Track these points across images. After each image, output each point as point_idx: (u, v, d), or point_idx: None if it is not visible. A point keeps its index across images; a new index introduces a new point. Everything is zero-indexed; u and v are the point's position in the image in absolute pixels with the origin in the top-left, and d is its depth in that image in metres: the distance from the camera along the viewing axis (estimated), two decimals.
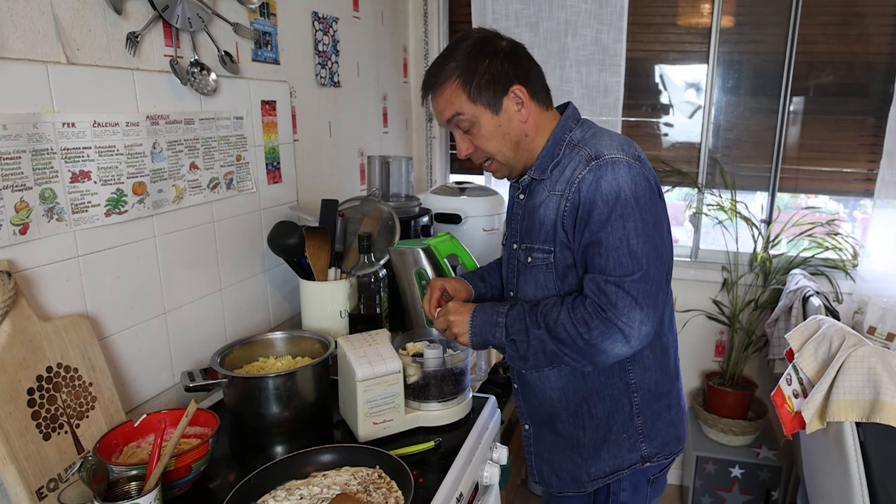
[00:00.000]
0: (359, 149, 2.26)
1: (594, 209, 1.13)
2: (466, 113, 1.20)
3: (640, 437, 1.30)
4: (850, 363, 1.54)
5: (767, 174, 2.58)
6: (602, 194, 1.12)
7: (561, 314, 1.14)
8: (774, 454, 2.50)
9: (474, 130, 1.22)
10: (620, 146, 1.18)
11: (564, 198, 1.18)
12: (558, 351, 1.15)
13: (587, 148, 1.18)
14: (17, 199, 1.02)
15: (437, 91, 1.22)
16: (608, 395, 1.28)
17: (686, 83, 2.61)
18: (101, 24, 1.16)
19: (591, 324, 1.11)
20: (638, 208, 1.12)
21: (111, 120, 1.17)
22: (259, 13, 1.61)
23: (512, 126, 1.22)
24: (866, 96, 2.41)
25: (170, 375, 1.38)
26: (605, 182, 1.12)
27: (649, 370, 1.29)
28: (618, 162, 1.14)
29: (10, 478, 0.95)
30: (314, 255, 1.57)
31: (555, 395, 1.32)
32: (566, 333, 1.13)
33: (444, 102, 1.22)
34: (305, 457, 1.11)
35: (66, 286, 1.13)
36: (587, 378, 1.28)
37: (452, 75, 1.20)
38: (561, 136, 1.25)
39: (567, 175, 1.19)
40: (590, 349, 1.12)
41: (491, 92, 1.19)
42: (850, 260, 2.49)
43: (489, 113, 1.20)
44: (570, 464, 1.34)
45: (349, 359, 1.23)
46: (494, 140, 1.22)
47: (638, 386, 1.28)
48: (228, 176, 1.51)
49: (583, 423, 1.31)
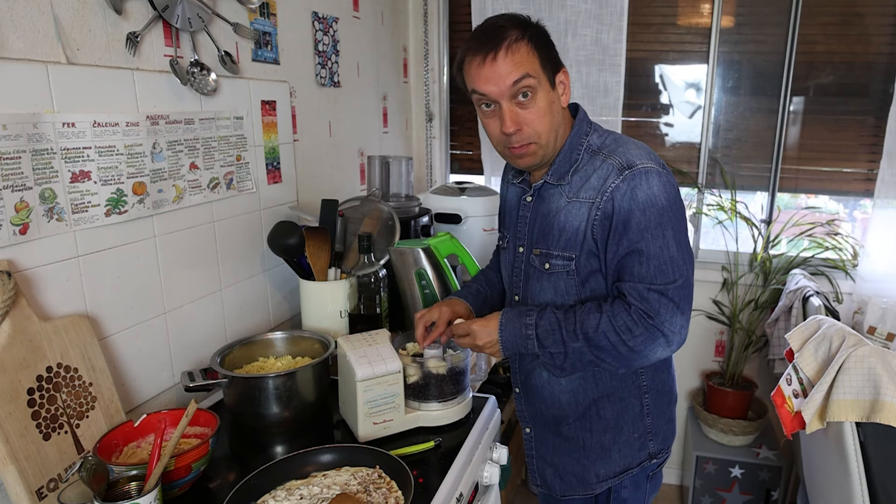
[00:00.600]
0: (359, 149, 2.26)
1: (631, 218, 1.12)
2: (535, 77, 1.14)
3: (648, 435, 1.32)
4: (850, 363, 1.54)
5: (767, 174, 2.58)
6: (639, 204, 1.12)
7: (602, 322, 1.14)
8: (774, 454, 2.50)
9: (530, 102, 1.15)
10: (648, 155, 1.17)
11: (595, 206, 1.16)
12: (596, 359, 1.17)
13: (616, 157, 1.17)
14: (17, 199, 1.02)
15: (511, 49, 1.12)
16: (618, 397, 1.29)
17: (686, 83, 2.61)
18: (101, 24, 1.16)
19: (634, 331, 1.12)
20: (674, 217, 1.14)
21: (111, 120, 1.17)
22: (259, 13, 1.61)
23: (556, 108, 1.19)
24: (866, 96, 2.41)
25: (170, 375, 1.38)
26: (640, 192, 1.12)
27: (659, 371, 1.31)
28: (650, 171, 1.13)
29: (10, 478, 0.95)
30: (314, 255, 1.57)
31: (564, 398, 1.31)
32: (607, 341, 1.13)
33: (515, 62, 1.12)
34: (305, 457, 1.11)
35: (66, 286, 1.13)
36: (598, 381, 1.28)
37: (525, 37, 1.14)
38: (578, 142, 1.22)
39: (595, 183, 1.17)
40: (632, 355, 1.14)
41: (553, 65, 1.18)
42: (850, 260, 2.49)
43: (548, 86, 1.17)
44: (577, 466, 1.34)
45: (349, 359, 1.23)
46: (546, 117, 1.17)
47: (649, 387, 1.30)
48: (228, 176, 1.51)
49: (590, 426, 1.31)
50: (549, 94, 1.17)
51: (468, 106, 2.82)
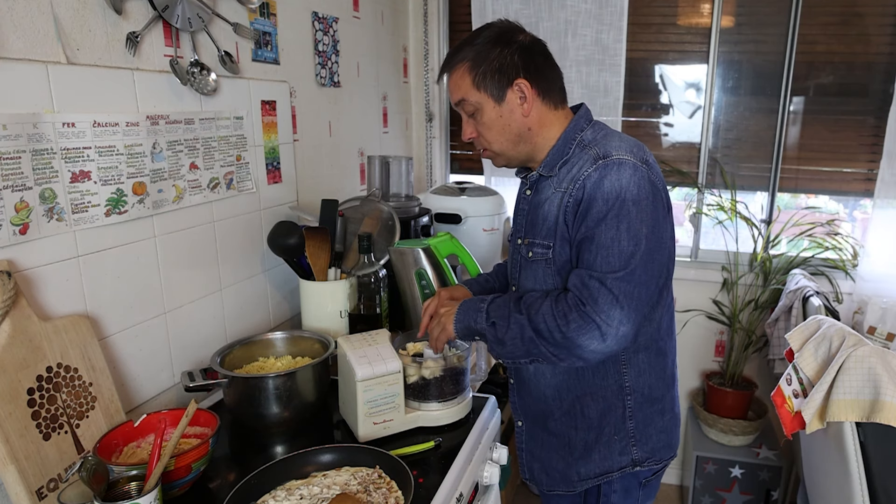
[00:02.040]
0: (359, 149, 2.26)
1: (593, 206, 1.14)
2: (470, 99, 1.23)
3: (631, 440, 1.30)
4: (850, 363, 1.54)
5: (767, 174, 2.58)
6: (603, 192, 1.13)
7: (543, 305, 1.15)
8: (774, 454, 2.50)
9: (477, 117, 1.25)
10: (630, 149, 1.18)
11: (568, 194, 1.19)
12: (536, 339, 1.15)
13: (596, 148, 1.20)
14: (18, 199, 1.02)
15: (450, 72, 1.26)
16: (601, 396, 1.28)
17: (686, 83, 2.61)
18: (101, 24, 1.16)
19: (569, 317, 1.11)
20: (636, 210, 1.12)
21: (111, 120, 1.17)
22: (259, 13, 1.61)
23: (513, 118, 1.24)
24: (866, 96, 2.41)
25: (170, 375, 1.38)
26: (607, 181, 1.13)
27: (644, 374, 1.28)
28: (624, 163, 1.14)
29: (10, 478, 0.95)
30: (314, 255, 1.57)
31: (549, 392, 1.32)
32: (545, 324, 1.13)
33: (453, 84, 1.26)
34: (305, 457, 1.11)
35: (66, 286, 1.13)
36: (581, 378, 1.28)
37: (464, 59, 1.23)
38: (572, 136, 1.26)
39: (574, 173, 1.20)
40: (566, 342, 1.12)
41: (495, 81, 1.21)
42: (850, 260, 2.49)
43: (492, 102, 1.23)
44: (562, 463, 1.34)
45: (349, 359, 1.23)
46: (494, 129, 1.25)
47: (632, 389, 1.28)
48: (228, 176, 1.51)
49: (575, 423, 1.31)
50: (495, 110, 1.23)
51: None
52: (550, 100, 1.26)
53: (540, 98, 1.24)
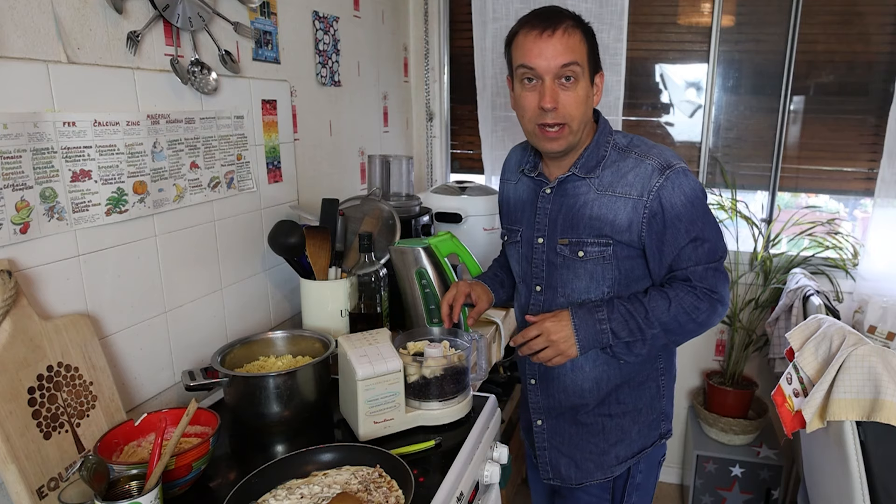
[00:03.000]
0: (359, 148, 2.26)
1: (684, 213, 1.24)
2: (581, 65, 1.22)
3: (662, 415, 1.42)
4: (850, 362, 1.54)
5: (768, 173, 2.58)
6: (688, 198, 1.24)
7: (672, 308, 1.24)
8: (775, 453, 2.50)
9: (572, 86, 1.22)
10: (675, 155, 1.29)
11: (643, 204, 1.25)
12: (670, 342, 1.28)
13: (653, 158, 1.26)
14: (18, 199, 1.02)
15: (567, 32, 1.20)
16: (638, 382, 1.37)
17: (686, 82, 2.61)
18: (102, 24, 1.16)
19: (701, 307, 1.24)
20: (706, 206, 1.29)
21: (112, 119, 1.17)
22: (259, 12, 1.61)
23: (590, 103, 1.27)
24: (867, 95, 2.41)
25: (170, 374, 1.38)
26: (685, 189, 1.24)
27: (672, 354, 1.42)
28: (686, 170, 1.27)
29: (11, 477, 0.95)
30: (315, 254, 1.57)
31: (587, 384, 1.37)
32: (677, 323, 1.24)
33: (570, 43, 1.21)
34: (306, 456, 1.11)
35: (66, 285, 1.13)
36: (622, 367, 1.35)
37: (580, 28, 1.23)
38: (605, 139, 1.31)
39: (633, 180, 1.26)
40: (699, 329, 1.27)
41: (594, 63, 1.26)
42: (851, 259, 2.49)
43: (587, 78, 1.24)
44: (596, 450, 1.40)
45: (350, 358, 1.23)
46: (581, 105, 1.24)
47: (665, 370, 1.40)
48: (229, 175, 1.51)
49: (609, 410, 1.38)
50: (587, 87, 1.25)
51: (468, 105, 2.82)
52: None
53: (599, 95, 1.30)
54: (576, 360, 1.33)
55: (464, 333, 1.42)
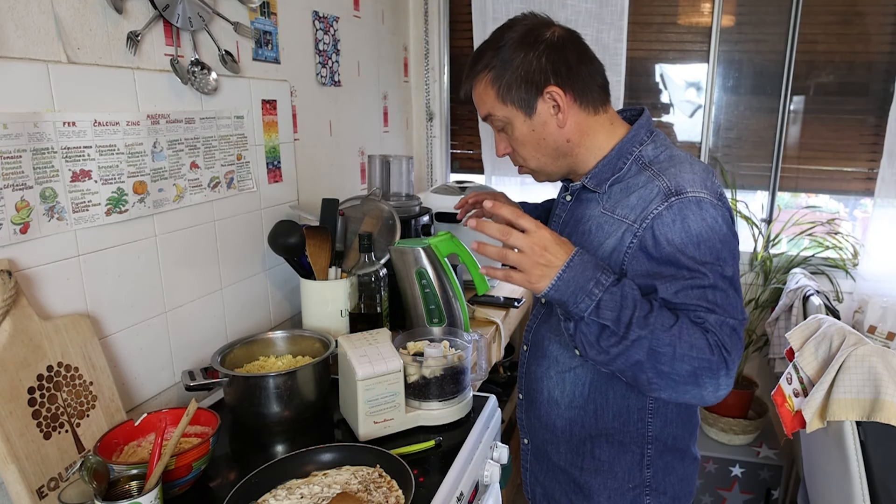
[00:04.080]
0: (359, 148, 2.26)
1: (684, 254, 0.98)
2: (497, 113, 1.10)
3: (646, 489, 1.19)
4: (850, 362, 1.54)
5: (768, 173, 2.58)
6: (693, 236, 0.98)
7: (675, 328, 0.94)
8: (775, 453, 2.50)
9: (508, 131, 1.12)
10: (703, 181, 1.03)
11: (631, 231, 1.04)
12: (644, 362, 0.94)
13: (665, 178, 1.03)
14: (18, 199, 1.02)
15: (473, 83, 1.13)
16: (618, 441, 1.17)
17: (686, 82, 2.61)
18: (102, 24, 1.16)
19: (704, 354, 0.93)
20: (727, 251, 1.00)
21: (112, 119, 1.17)
22: (260, 12, 1.61)
23: (548, 132, 1.10)
24: (867, 95, 2.41)
25: (170, 374, 1.38)
26: (690, 223, 0.99)
27: (671, 424, 1.17)
28: (703, 202, 1.00)
29: (11, 477, 0.95)
30: (315, 254, 1.57)
31: (559, 423, 1.23)
32: (671, 349, 0.93)
33: (477, 98, 1.13)
34: (306, 456, 1.11)
35: (66, 285, 1.13)
36: (599, 418, 1.17)
37: (486, 68, 1.09)
38: (629, 149, 1.10)
39: (634, 202, 1.05)
40: (688, 378, 0.94)
41: (523, 92, 1.07)
42: (851, 259, 2.49)
43: (522, 115, 1.09)
44: (564, 499, 1.28)
45: (350, 358, 1.23)
46: (528, 146, 1.12)
47: (654, 438, 1.17)
48: (229, 175, 1.51)
49: (582, 463, 1.22)
50: (526, 124, 1.10)
51: (468, 105, 2.82)
52: (589, 103, 1.10)
53: (577, 104, 1.09)
54: (552, 393, 1.22)
55: (464, 333, 1.42)
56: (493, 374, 2.38)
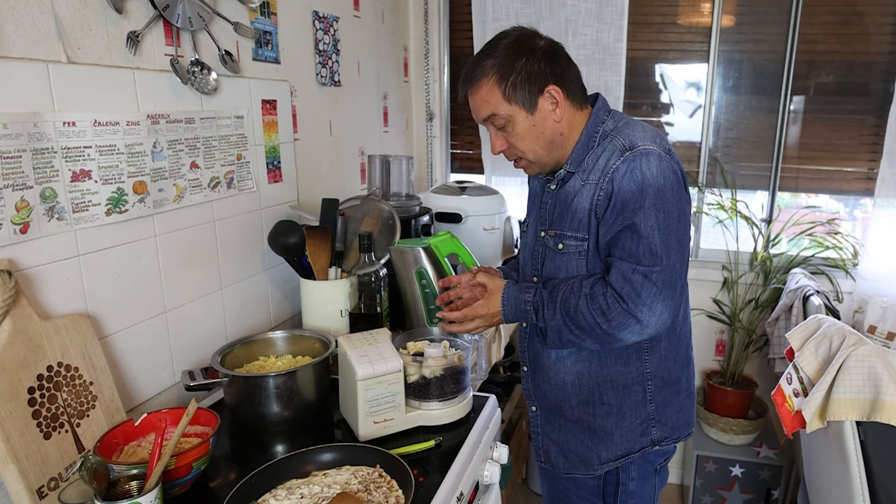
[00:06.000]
0: (359, 148, 2.26)
1: (629, 198, 1.16)
2: (501, 112, 1.23)
3: (651, 421, 1.34)
4: (850, 362, 1.54)
5: (768, 173, 2.58)
6: (636, 183, 1.16)
7: (580, 303, 1.20)
8: (775, 453, 2.50)
9: (509, 129, 1.25)
10: (653, 138, 1.21)
11: (598, 187, 1.21)
12: (575, 338, 1.23)
13: (620, 138, 1.21)
14: (18, 199, 1.02)
15: (474, 88, 1.24)
16: (622, 383, 1.32)
17: (686, 82, 2.61)
18: (102, 24, 1.16)
19: (609, 314, 1.17)
20: (666, 200, 1.17)
21: (112, 119, 1.17)
22: (259, 12, 1.61)
23: (546, 125, 1.24)
24: (867, 95, 2.41)
25: (170, 374, 1.38)
26: (638, 172, 1.16)
27: (665, 360, 1.33)
28: (650, 153, 1.17)
29: (11, 477, 0.95)
30: (315, 254, 1.57)
31: (568, 379, 1.36)
32: (585, 322, 1.20)
33: (480, 100, 1.24)
34: (306, 456, 1.11)
35: (66, 285, 1.13)
36: (603, 365, 1.32)
37: (489, 73, 1.22)
38: (594, 129, 1.27)
39: (601, 164, 1.22)
40: (607, 338, 1.20)
41: (526, 91, 1.21)
42: (851, 259, 2.48)
43: (524, 112, 1.23)
44: (581, 447, 1.38)
45: (350, 358, 1.23)
46: (528, 139, 1.25)
47: (652, 374, 1.33)
48: (229, 175, 1.51)
49: (593, 410, 1.35)
50: (527, 120, 1.24)
51: (468, 105, 2.82)
52: (576, 101, 1.27)
53: (568, 101, 1.25)
54: (559, 352, 1.35)
55: (464, 333, 1.42)
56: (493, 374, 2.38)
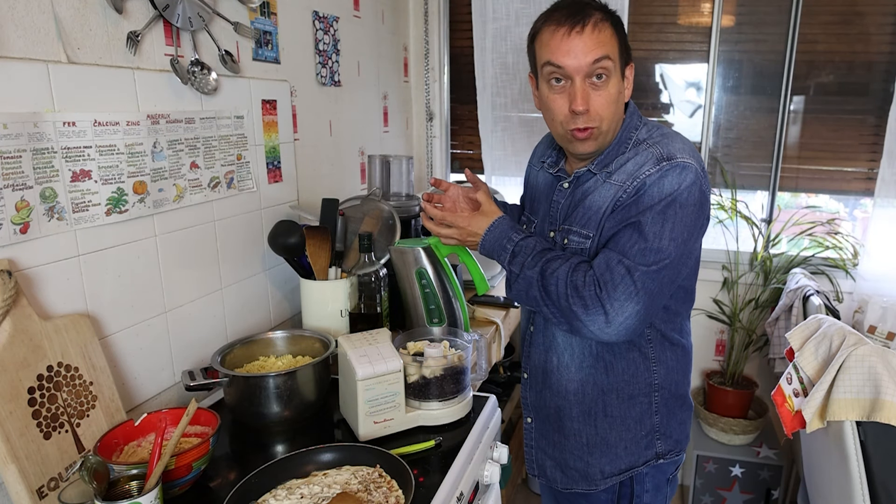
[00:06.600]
0: (359, 148, 2.26)
1: (647, 201, 1.11)
2: (613, 60, 1.14)
3: (656, 433, 1.31)
4: (850, 362, 1.54)
5: (768, 173, 2.58)
6: (664, 192, 1.11)
7: (560, 269, 1.14)
8: (775, 453, 2.50)
9: (603, 85, 1.14)
10: (691, 152, 1.16)
11: (623, 189, 1.15)
12: (539, 300, 1.16)
13: (658, 147, 1.16)
14: (18, 199, 1.02)
15: (598, 27, 1.12)
16: (627, 393, 1.28)
17: (686, 82, 2.61)
18: (102, 24, 1.16)
19: (581, 292, 1.11)
20: (683, 214, 1.11)
21: (112, 119, 1.17)
22: (260, 12, 1.61)
23: (621, 99, 1.19)
24: (867, 95, 2.41)
25: (170, 374, 1.38)
26: (670, 182, 1.11)
27: (672, 371, 1.29)
28: (688, 167, 1.12)
29: (11, 477, 0.95)
30: (315, 254, 1.57)
31: (571, 387, 1.31)
32: (555, 288, 1.13)
33: (599, 41, 1.12)
34: (306, 456, 1.11)
35: (66, 285, 1.13)
36: (610, 372, 1.27)
37: (610, 20, 1.14)
38: (627, 135, 1.22)
39: (630, 168, 1.16)
40: (569, 316, 1.13)
41: (625, 55, 1.17)
42: (851, 259, 2.49)
43: (619, 74, 1.17)
44: (580, 462, 1.34)
45: (350, 358, 1.23)
46: (612, 105, 1.17)
47: (660, 385, 1.29)
48: (229, 175, 1.51)
49: (594, 422, 1.31)
50: (619, 84, 1.17)
51: (468, 105, 2.82)
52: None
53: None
54: (562, 358, 1.31)
55: (464, 333, 1.42)
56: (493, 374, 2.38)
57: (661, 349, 1.27)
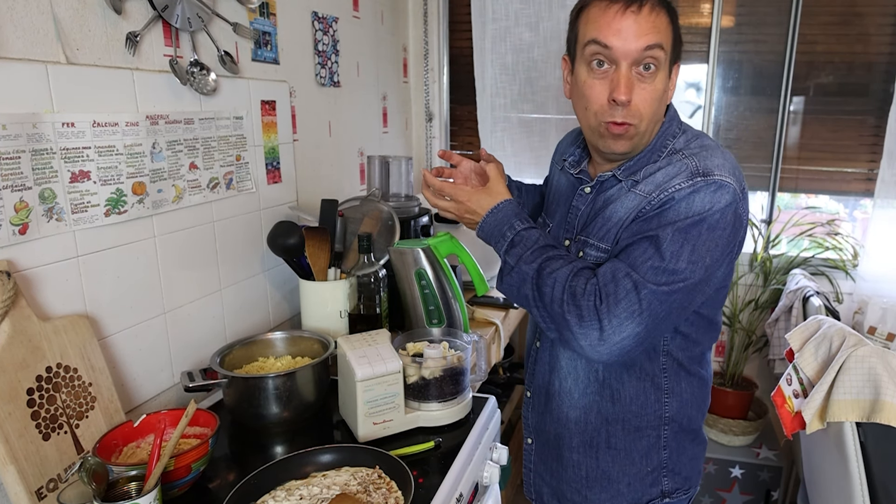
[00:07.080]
0: (358, 149, 2.25)
1: (671, 210, 1.00)
2: (665, 51, 1.02)
3: (663, 470, 1.21)
4: (850, 363, 1.54)
5: (767, 174, 2.58)
6: (689, 204, 0.99)
7: (559, 272, 1.03)
8: (775, 454, 2.50)
9: (650, 77, 1.03)
10: (732, 169, 1.03)
11: (648, 201, 1.04)
12: (531, 298, 1.06)
13: (695, 159, 1.03)
14: (17, 199, 1.02)
15: (655, 10, 1.01)
16: (634, 425, 1.18)
17: (686, 83, 2.61)
18: (101, 24, 1.16)
19: (578, 301, 1.00)
20: (710, 238, 0.99)
21: (111, 120, 1.17)
22: (259, 13, 1.61)
23: (665, 98, 1.07)
24: (866, 96, 2.41)
25: (169, 375, 1.38)
26: (701, 201, 0.99)
27: (686, 405, 1.19)
28: (725, 187, 0.99)
29: (10, 478, 0.95)
30: (314, 254, 1.57)
31: (573, 414, 1.22)
32: (550, 290, 1.02)
33: (655, 26, 1.00)
34: (305, 457, 1.10)
35: (65, 286, 1.13)
36: (616, 402, 1.17)
37: (666, 8, 1.03)
38: (663, 142, 1.10)
39: (659, 179, 1.04)
40: (559, 323, 1.02)
41: (676, 50, 1.06)
42: (851, 260, 2.48)
43: (667, 70, 1.05)
44: (578, 496, 1.27)
45: (349, 359, 1.23)
46: (655, 102, 1.05)
47: (671, 419, 1.18)
48: (228, 176, 1.51)
49: (596, 454, 1.22)
50: (665, 80, 1.05)
51: (468, 106, 2.82)
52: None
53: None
54: (565, 383, 1.22)
55: (463, 334, 1.42)
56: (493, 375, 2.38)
57: (676, 380, 1.17)
